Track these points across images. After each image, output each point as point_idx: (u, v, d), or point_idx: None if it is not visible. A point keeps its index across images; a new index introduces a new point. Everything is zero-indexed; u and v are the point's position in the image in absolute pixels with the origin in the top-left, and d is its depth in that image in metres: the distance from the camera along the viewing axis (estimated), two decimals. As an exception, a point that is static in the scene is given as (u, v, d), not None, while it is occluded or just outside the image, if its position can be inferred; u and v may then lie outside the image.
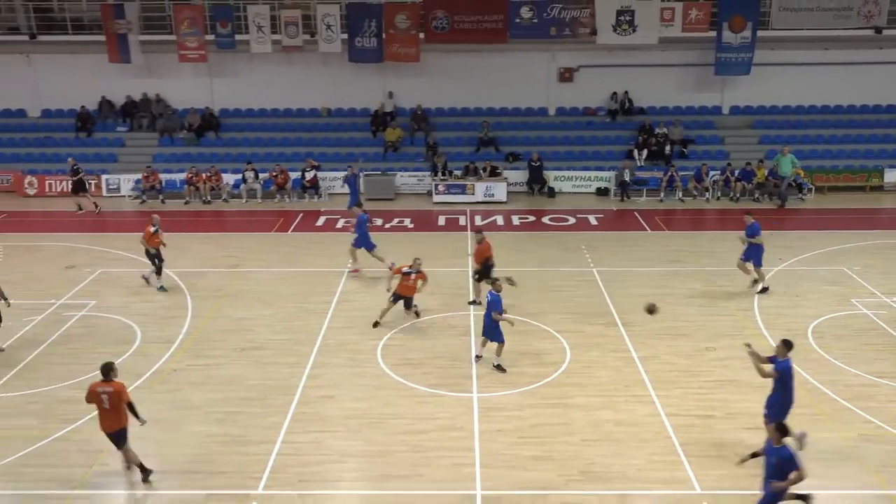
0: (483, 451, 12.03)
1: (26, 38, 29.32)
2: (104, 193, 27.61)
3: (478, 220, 24.43)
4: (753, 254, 18.10)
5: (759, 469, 9.94)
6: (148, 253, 18.59)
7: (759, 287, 18.17)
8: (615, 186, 27.15)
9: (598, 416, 13.03)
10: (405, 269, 16.50)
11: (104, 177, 27.81)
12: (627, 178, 26.84)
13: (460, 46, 28.71)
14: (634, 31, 27.88)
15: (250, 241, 22.41)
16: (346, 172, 25.46)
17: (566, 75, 29.97)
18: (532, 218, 24.77)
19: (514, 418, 12.96)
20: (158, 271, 18.68)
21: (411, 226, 24.06)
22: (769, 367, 11.40)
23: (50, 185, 27.70)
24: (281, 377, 14.35)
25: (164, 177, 27.33)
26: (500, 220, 24.51)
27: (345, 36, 28.14)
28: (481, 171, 26.97)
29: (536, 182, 27.39)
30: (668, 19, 27.94)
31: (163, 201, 26.72)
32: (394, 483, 11.34)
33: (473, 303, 17.72)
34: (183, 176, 27.08)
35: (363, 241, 19.59)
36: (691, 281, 19.08)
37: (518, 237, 22.91)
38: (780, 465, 9.36)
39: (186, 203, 26.58)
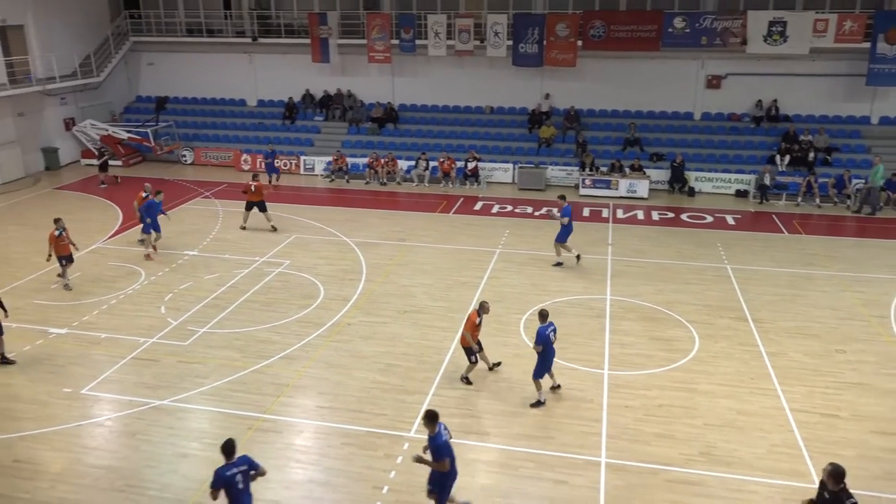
0: (610, 424, 11.74)
1: (249, 40, 31.42)
2: (301, 172, 29.20)
3: (619, 214, 23.69)
4: None
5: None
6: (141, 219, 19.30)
7: None
8: (754, 189, 25.35)
9: (722, 403, 12.33)
10: (477, 320, 12.96)
11: (302, 158, 29.37)
12: (767, 182, 24.99)
13: (614, 53, 27.76)
14: (785, 41, 25.75)
15: (417, 219, 22.95)
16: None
17: (714, 82, 28.24)
18: (671, 214, 23.67)
19: (640, 396, 12.53)
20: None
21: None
22: None
23: (260, 162, 29.61)
24: (435, 338, 14.65)
25: (349, 160, 28.46)
26: (640, 215, 23.63)
27: (510, 42, 27.97)
28: (626, 169, 26.06)
29: (678, 181, 26.11)
30: (822, 31, 25.55)
31: (348, 181, 27.88)
32: (526, 441, 11.32)
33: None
34: (365, 160, 28.10)
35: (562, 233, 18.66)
36: (826, 285, 17.52)
37: (656, 231, 21.99)
38: None
39: (367, 183, 27.58)
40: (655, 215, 23.58)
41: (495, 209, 24.28)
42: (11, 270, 18.32)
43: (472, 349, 12.82)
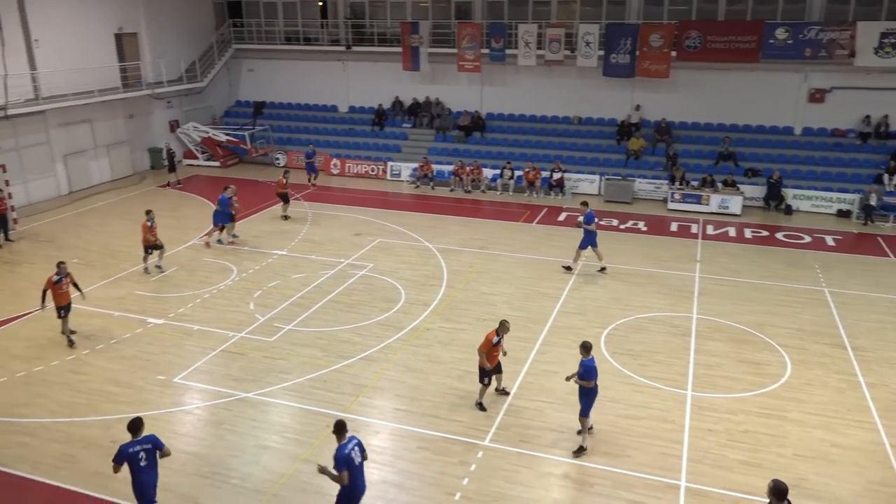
0: (691, 447, 11.33)
1: (343, 48, 32.34)
2: (388, 177, 29.71)
3: (709, 230, 22.90)
4: None
5: None
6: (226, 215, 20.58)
7: None
8: (858, 209, 23.94)
9: (815, 434, 11.68)
10: (494, 339, 12.11)
11: (389, 164, 29.91)
12: (873, 203, 23.54)
13: (710, 64, 26.89)
14: (899, 54, 24.26)
15: (499, 227, 22.93)
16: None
17: (817, 96, 26.89)
18: (765, 233, 22.66)
19: (725, 420, 12.04)
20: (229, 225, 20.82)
21: (644, 228, 23.13)
22: None
23: (349, 167, 30.38)
24: (513, 348, 14.55)
25: (435, 167, 28.77)
26: (731, 232, 22.74)
27: (601, 52, 27.58)
28: (719, 184, 25.16)
29: (774, 198, 24.98)
30: (941, 43, 23.94)
31: (433, 188, 28.18)
32: (602, 459, 11.07)
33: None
34: (450, 168, 28.33)
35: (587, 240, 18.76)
36: (936, 314, 16.34)
37: (748, 249, 21.10)
38: None
39: (451, 191, 27.79)
40: (748, 233, 22.64)
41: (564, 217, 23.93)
42: (116, 262, 19.49)
43: (485, 371, 12.09)
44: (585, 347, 11.25)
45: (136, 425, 8.96)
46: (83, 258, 19.78)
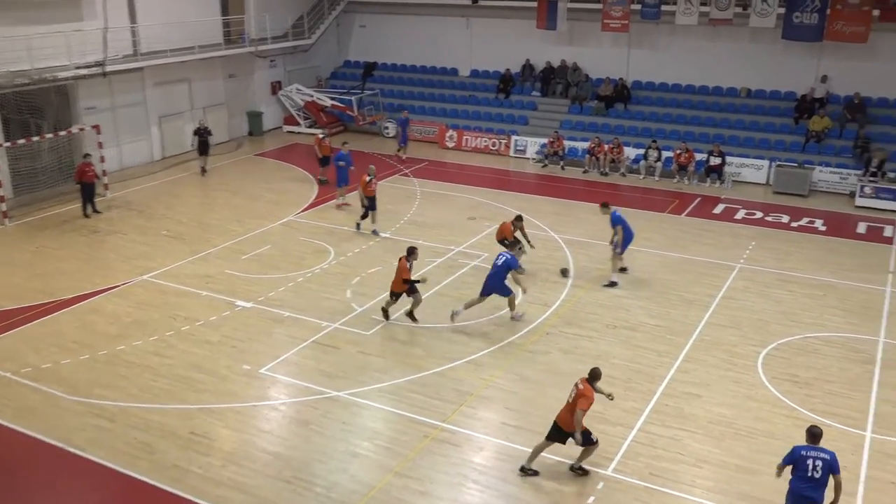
0: (867, 501, 10.64)
1: (468, 2, 32.53)
2: (511, 153, 29.71)
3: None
4: None
5: None
6: (362, 202, 20.78)
7: None
8: None
9: None
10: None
11: (514, 138, 29.90)
12: None
13: (924, 27, 24.96)
14: None
15: (640, 218, 22.32)
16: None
17: None
18: None
19: (909, 476, 11.23)
20: (365, 216, 20.89)
21: (823, 228, 21.85)
22: None
23: (466, 140, 30.62)
24: (649, 363, 14.21)
25: (567, 143, 28.45)
26: (939, 238, 21.11)
27: (782, 10, 26.19)
28: (925, 177, 23.38)
29: None
30: None
31: (563, 167, 27.90)
32: (753, 505, 10.62)
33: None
34: (586, 145, 27.94)
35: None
36: None
37: (961, 261, 19.54)
38: None
39: (585, 172, 27.41)
40: (962, 240, 20.91)
41: (740, 214, 22.98)
42: (207, 236, 20.69)
43: (588, 436, 11.03)
44: (812, 434, 9.79)
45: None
46: (173, 230, 21.13)
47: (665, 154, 26.69)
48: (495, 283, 15.59)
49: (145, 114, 27.88)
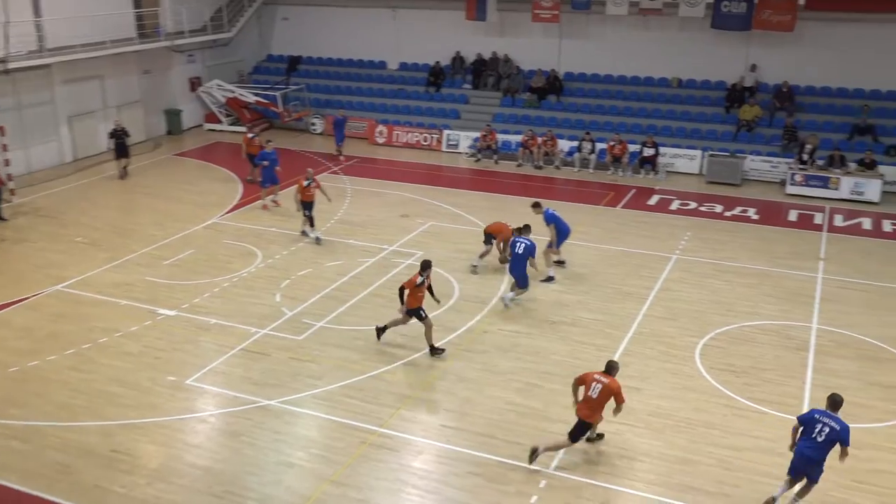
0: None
1: (395, -8, 32.48)
2: (443, 148, 29.74)
3: (837, 220, 22.13)
4: None
5: None
6: (298, 206, 20.21)
7: None
8: None
9: (966, 477, 11.19)
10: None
11: (445, 132, 29.93)
12: None
13: (847, 15, 25.88)
14: None
15: (576, 212, 22.62)
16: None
17: None
18: (910, 226, 21.82)
19: (851, 457, 11.54)
20: (311, 223, 20.22)
21: (756, 217, 22.53)
22: None
23: (397, 135, 30.52)
24: (588, 358, 14.39)
25: (500, 137, 28.64)
26: (866, 224, 21.92)
27: (710, 0, 26.91)
28: (852, 164, 24.27)
29: (923, 183, 24.00)
30: None
31: (496, 161, 28.07)
32: (693, 496, 10.85)
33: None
34: (519, 138, 28.16)
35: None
36: None
37: (887, 246, 20.32)
38: None
39: (518, 166, 27.63)
40: (888, 225, 21.82)
41: (675, 205, 23.51)
42: (125, 242, 20.10)
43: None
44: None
45: None
46: (88, 236, 20.48)
47: (599, 146, 27.11)
48: (519, 271, 16.28)
49: (54, 113, 26.93)
